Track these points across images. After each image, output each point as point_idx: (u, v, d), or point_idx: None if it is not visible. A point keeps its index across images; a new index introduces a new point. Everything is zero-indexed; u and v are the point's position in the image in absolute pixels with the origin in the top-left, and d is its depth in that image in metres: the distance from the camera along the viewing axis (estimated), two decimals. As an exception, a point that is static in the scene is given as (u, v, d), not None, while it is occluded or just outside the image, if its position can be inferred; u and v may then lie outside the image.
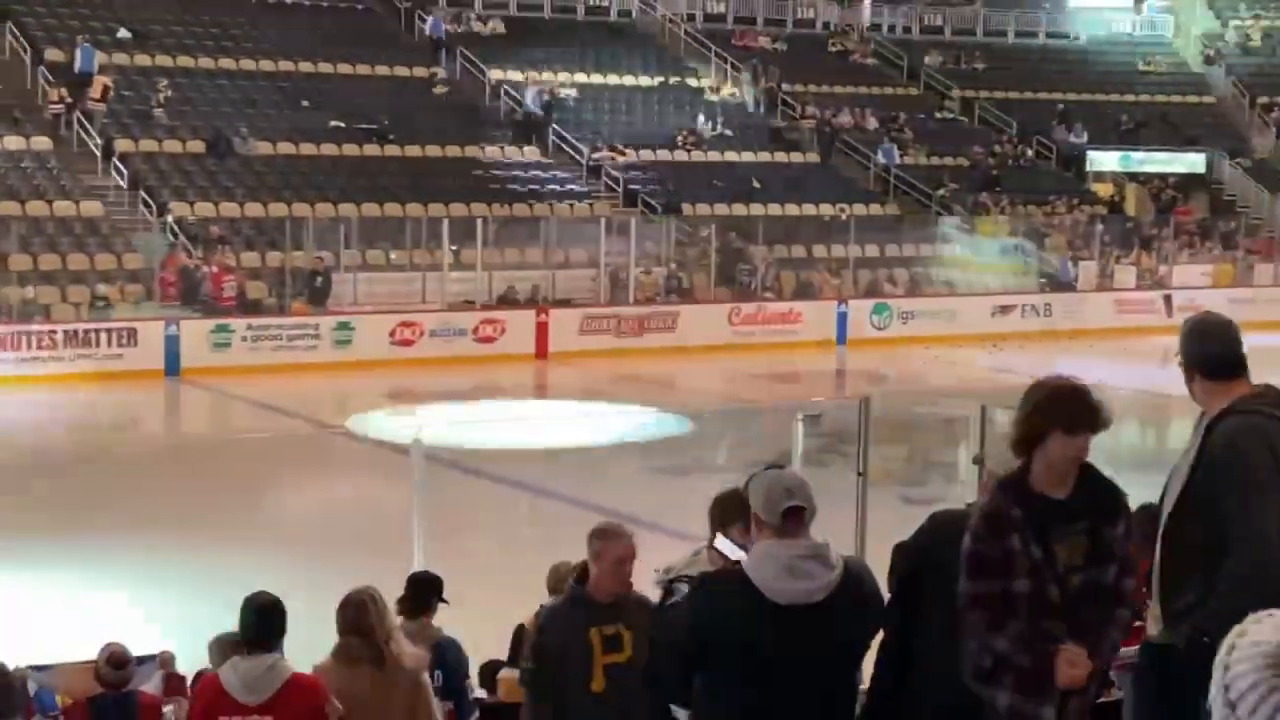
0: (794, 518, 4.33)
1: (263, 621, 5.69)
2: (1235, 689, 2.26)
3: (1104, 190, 39.68)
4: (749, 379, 26.56)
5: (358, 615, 6.12)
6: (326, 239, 28.57)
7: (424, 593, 7.15)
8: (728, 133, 36.23)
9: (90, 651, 7.76)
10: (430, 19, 36.64)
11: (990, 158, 38.63)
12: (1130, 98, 43.35)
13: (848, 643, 4.44)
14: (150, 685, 7.36)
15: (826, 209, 34.71)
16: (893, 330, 30.89)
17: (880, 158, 36.79)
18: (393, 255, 29.54)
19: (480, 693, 7.59)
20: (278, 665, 5.63)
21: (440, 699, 6.80)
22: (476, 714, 7.16)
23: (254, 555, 13.19)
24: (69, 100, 29.79)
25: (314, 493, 17.61)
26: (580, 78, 36.84)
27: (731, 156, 35.95)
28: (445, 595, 7.20)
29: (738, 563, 4.59)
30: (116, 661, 6.85)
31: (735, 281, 31.83)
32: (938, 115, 40.88)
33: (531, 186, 32.51)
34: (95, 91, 30.16)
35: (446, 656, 7.00)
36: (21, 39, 31.35)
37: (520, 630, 7.26)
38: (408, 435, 11.28)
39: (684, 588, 5.01)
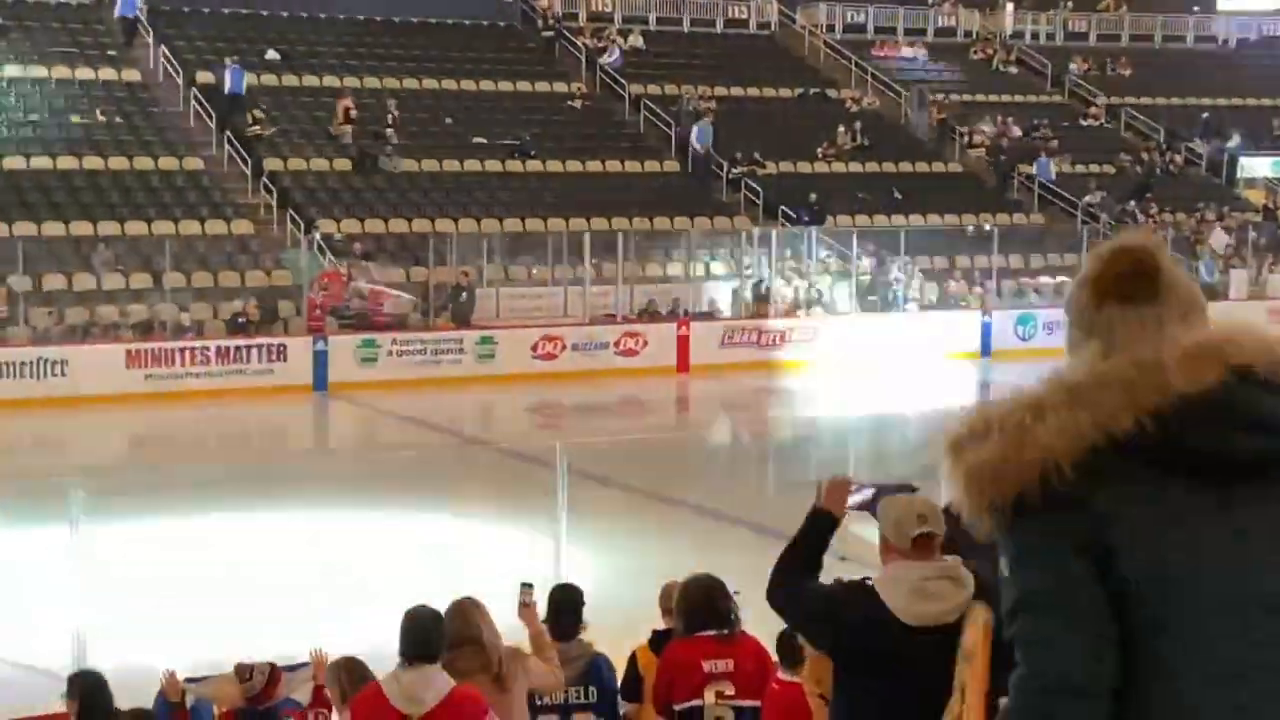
0: (923, 544, 4.29)
1: (425, 635, 5.75)
2: None
3: (1256, 197, 38.73)
4: (890, 391, 26.31)
5: (464, 625, 6.16)
6: (469, 254, 28.89)
7: (565, 610, 7.07)
8: (868, 142, 35.98)
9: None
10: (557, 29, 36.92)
11: (1138, 165, 37.91)
12: (1283, 101, 42.32)
13: None
14: (302, 694, 7.45)
15: (969, 219, 34.32)
16: (1038, 341, 30.40)
17: (1035, 170, 36.24)
18: (535, 270, 29.77)
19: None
20: (439, 677, 5.69)
21: (593, 715, 6.80)
22: None
23: (400, 569, 13.35)
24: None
25: (458, 505, 17.77)
26: (720, 90, 36.84)
27: (873, 167, 35.70)
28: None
29: (868, 580, 4.56)
30: (242, 674, 6.96)
31: (877, 293, 31.58)
32: (1083, 122, 40.22)
33: (672, 200, 32.55)
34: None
35: (601, 673, 6.97)
36: (173, 62, 32.15)
37: (634, 661, 7.08)
38: (550, 448, 11.33)
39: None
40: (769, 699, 6.43)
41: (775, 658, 6.56)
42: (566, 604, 7.07)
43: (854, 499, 4.50)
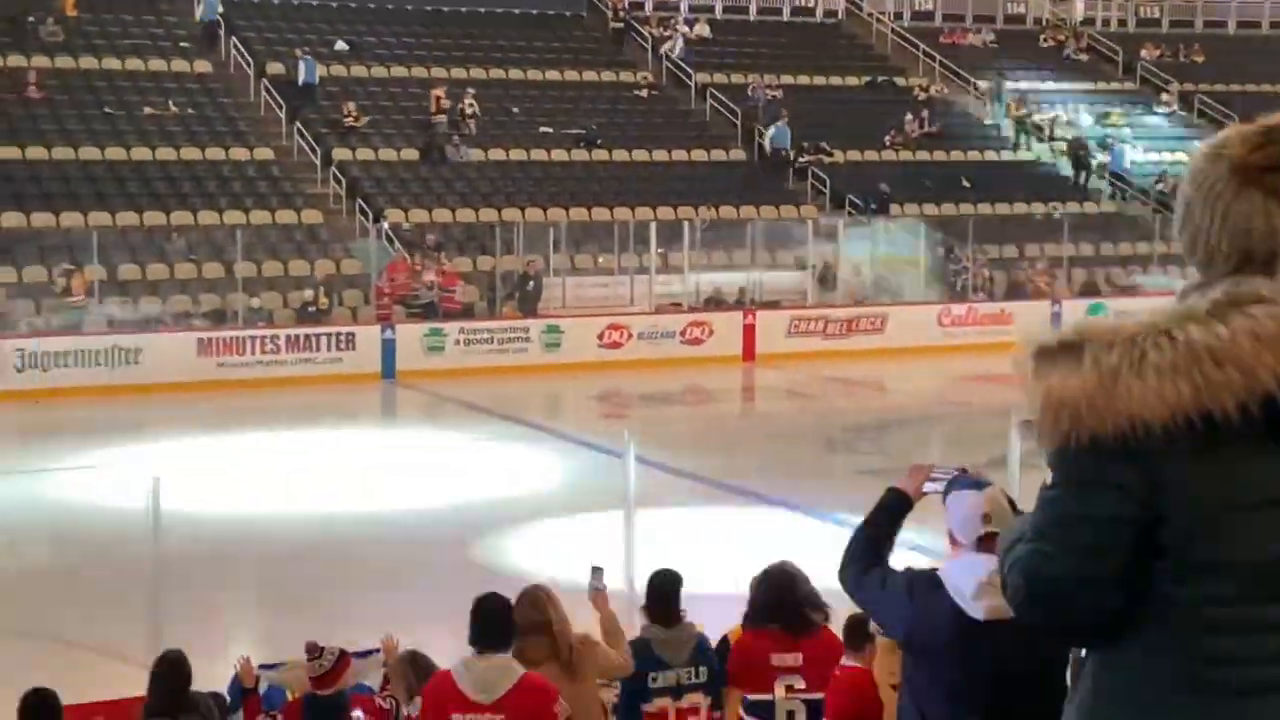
0: (988, 543, 4.28)
1: (495, 622, 5.80)
2: None
3: (1333, 184, 38.12)
4: (959, 381, 26.19)
5: (535, 612, 6.20)
6: (536, 243, 28.99)
7: (665, 595, 7.08)
8: (935, 130, 35.77)
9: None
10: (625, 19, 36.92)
11: (1211, 152, 37.41)
12: (1360, 87, 41.66)
13: (1051, 660, 4.35)
14: (372, 680, 7.52)
15: (1039, 207, 34.06)
16: (1109, 330, 30.12)
17: (1108, 158, 35.90)
18: (601, 259, 29.82)
19: None
20: (510, 666, 5.73)
21: (703, 695, 6.85)
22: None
23: (465, 555, 13.44)
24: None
25: (523, 494, 17.85)
26: (786, 79, 36.73)
27: (940, 155, 35.49)
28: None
29: (936, 570, 4.55)
30: (312, 651, 7.03)
31: (945, 282, 31.42)
32: (1155, 110, 39.79)
33: (738, 189, 32.51)
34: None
35: (709, 654, 6.98)
36: (245, 53, 32.43)
37: (723, 651, 7.13)
38: (618, 436, 11.37)
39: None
40: (832, 685, 6.43)
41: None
42: (667, 588, 7.08)
43: (929, 486, 4.48)
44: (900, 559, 4.67)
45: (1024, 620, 2.47)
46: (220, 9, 32.90)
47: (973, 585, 4.27)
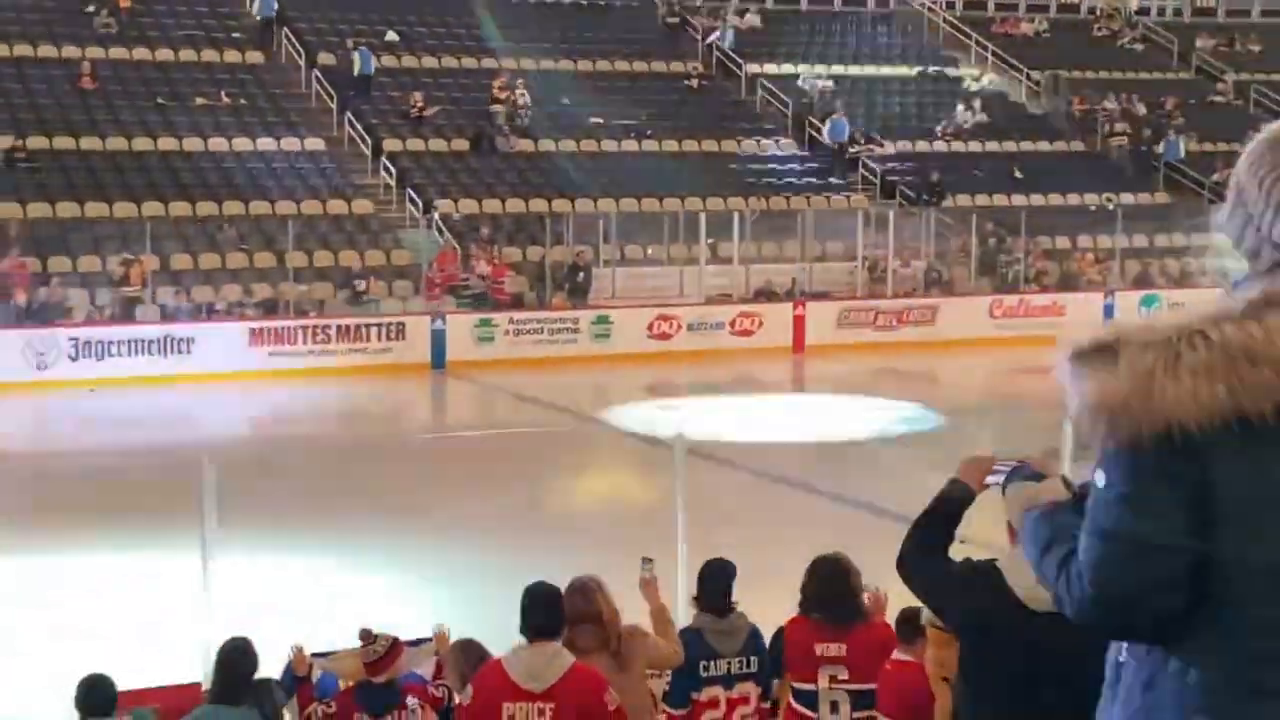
0: None
1: (545, 611, 5.79)
2: None
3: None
4: (1011, 373, 26.02)
5: (584, 602, 6.18)
6: (586, 234, 29.00)
7: (717, 584, 7.09)
8: (987, 120, 35.55)
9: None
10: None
11: (1267, 143, 37.01)
12: None
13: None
14: (425, 669, 7.54)
15: (1092, 198, 33.79)
16: (1162, 322, 29.88)
17: (1162, 149, 35.59)
18: (651, 249, 29.80)
19: None
20: (560, 655, 5.73)
21: (754, 684, 6.86)
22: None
23: (516, 546, 13.45)
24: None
25: (575, 485, 17.88)
26: (838, 69, 36.58)
27: (993, 146, 35.27)
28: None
29: (995, 562, 4.51)
30: (365, 638, 7.05)
31: (997, 273, 31.24)
32: (1210, 100, 39.40)
33: (789, 180, 32.43)
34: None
35: (760, 644, 6.99)
36: (296, 44, 32.57)
37: (777, 641, 7.12)
38: (668, 428, 11.35)
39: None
40: (883, 678, 6.41)
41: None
42: (719, 578, 7.08)
43: (990, 479, 4.44)
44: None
45: (1083, 624, 2.47)
46: (276, 5, 32.94)
47: (1032, 576, 4.23)
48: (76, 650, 9.63)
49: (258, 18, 32.94)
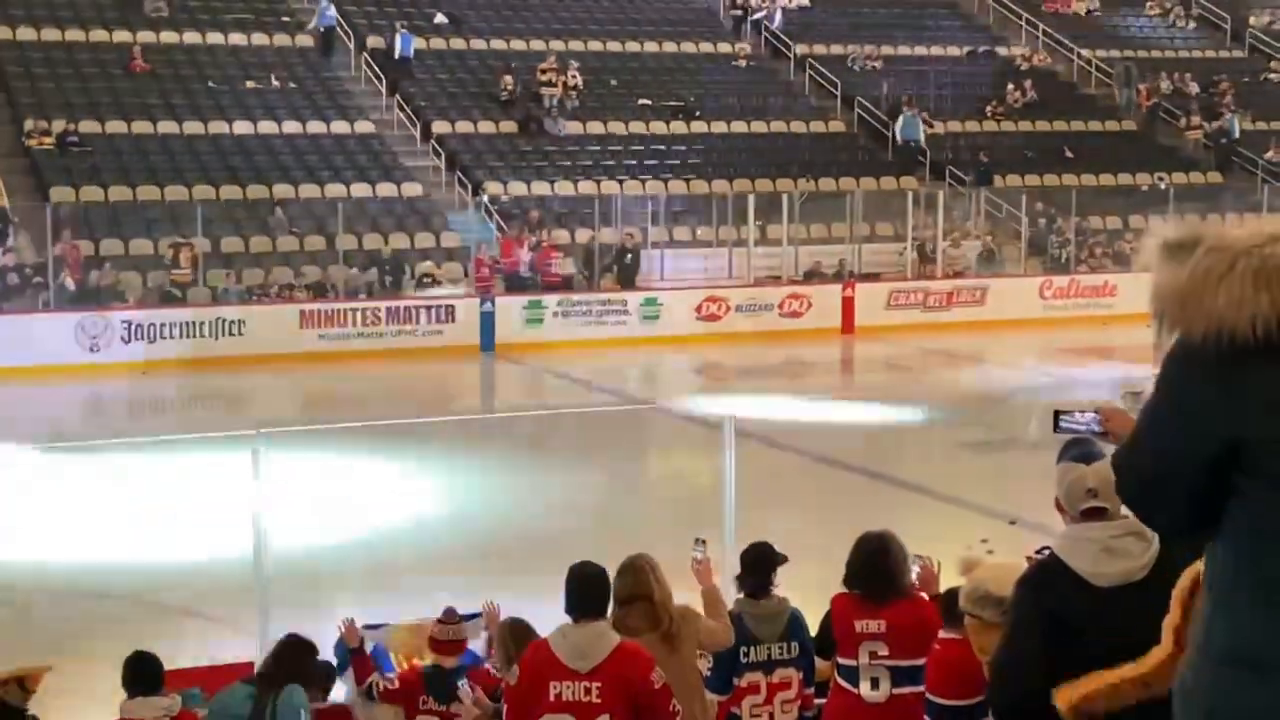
0: (1092, 515, 4.19)
1: (591, 591, 5.79)
2: None
3: None
4: (1061, 354, 25.88)
5: (636, 583, 6.17)
6: (634, 216, 28.99)
7: (758, 568, 7.08)
8: (1038, 99, 35.29)
9: (411, 614, 8.07)
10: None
11: (1322, 121, 36.62)
12: None
13: None
14: (477, 643, 7.57)
15: (1144, 178, 33.51)
16: (1214, 303, 29.62)
17: (1214, 128, 35.22)
18: (699, 231, 29.78)
19: None
20: (606, 633, 5.73)
21: (795, 669, 6.87)
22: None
23: (565, 525, 13.49)
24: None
25: (625, 466, 17.89)
26: (886, 49, 36.39)
27: (1043, 126, 35.02)
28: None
29: (1047, 549, 4.46)
30: (449, 617, 7.09)
31: (1047, 254, 31.04)
32: (1263, 79, 38.97)
33: (838, 161, 32.30)
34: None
35: (801, 629, 6.99)
36: (344, 26, 32.66)
37: (828, 619, 7.10)
38: (717, 409, 11.35)
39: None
40: (932, 659, 6.38)
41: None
42: (759, 561, 7.07)
43: (1066, 422, 4.29)
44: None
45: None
46: (335, 15, 32.63)
47: (1090, 554, 4.18)
48: (131, 639, 9.71)
49: (320, 29, 32.48)
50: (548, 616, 6.23)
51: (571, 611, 5.77)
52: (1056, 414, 4.13)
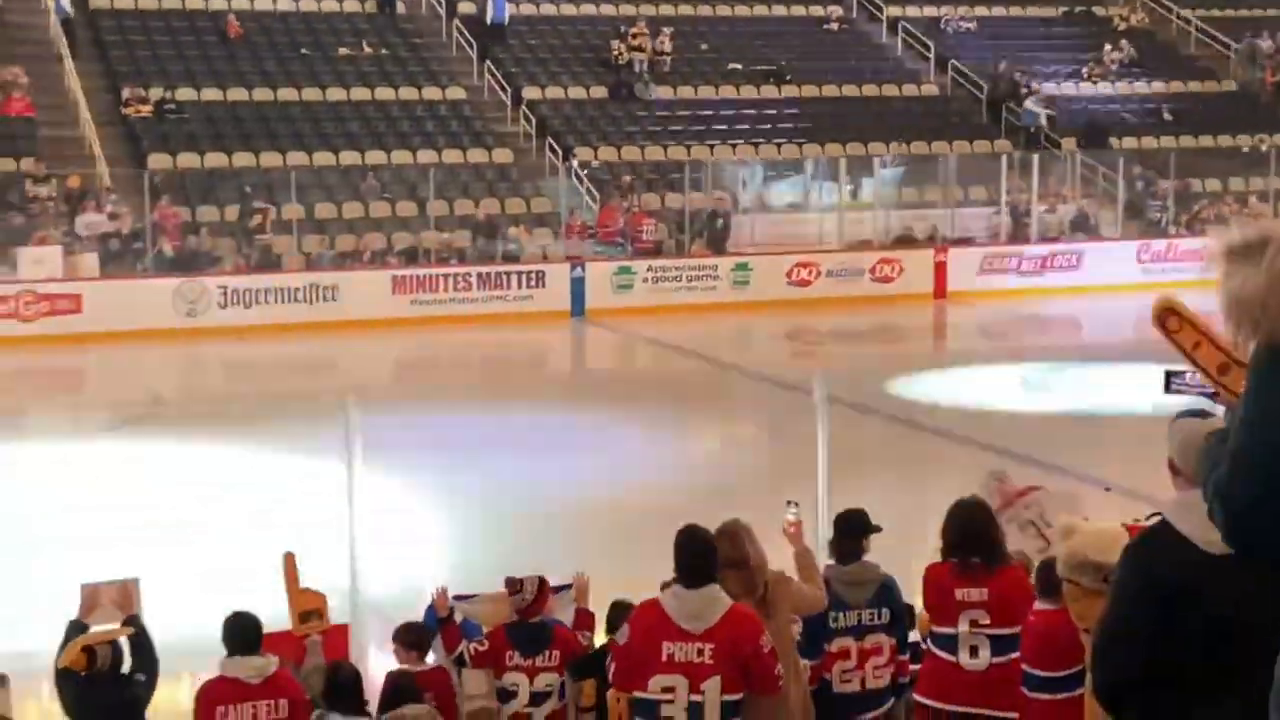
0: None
1: (704, 553, 5.82)
2: None
3: None
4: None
5: (732, 548, 6.17)
6: (725, 181, 28.85)
7: (849, 533, 7.06)
8: (1136, 60, 34.67)
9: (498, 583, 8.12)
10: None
11: None
12: None
13: None
14: (565, 615, 7.60)
15: (1244, 140, 32.87)
16: (1318, 267, 29.03)
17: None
18: (790, 196, 29.59)
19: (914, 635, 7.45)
20: (719, 596, 5.76)
21: (886, 635, 6.88)
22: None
23: (658, 491, 13.50)
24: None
25: (717, 430, 17.88)
26: (980, 10, 35.91)
27: (1141, 88, 34.43)
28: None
29: (1156, 515, 4.35)
30: (512, 586, 7.12)
31: (1145, 218, 30.56)
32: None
33: (931, 124, 31.95)
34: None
35: (892, 595, 6.98)
36: (436, -7, 32.73)
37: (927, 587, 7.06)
38: (808, 375, 11.28)
39: None
40: (1027, 629, 6.32)
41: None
42: (852, 527, 7.05)
43: (1180, 380, 4.22)
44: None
45: (1233, 544, 2.54)
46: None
47: (1203, 518, 4.02)
48: (222, 589, 9.83)
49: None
50: (639, 582, 6.24)
51: (683, 575, 5.77)
52: (1168, 375, 4.03)
